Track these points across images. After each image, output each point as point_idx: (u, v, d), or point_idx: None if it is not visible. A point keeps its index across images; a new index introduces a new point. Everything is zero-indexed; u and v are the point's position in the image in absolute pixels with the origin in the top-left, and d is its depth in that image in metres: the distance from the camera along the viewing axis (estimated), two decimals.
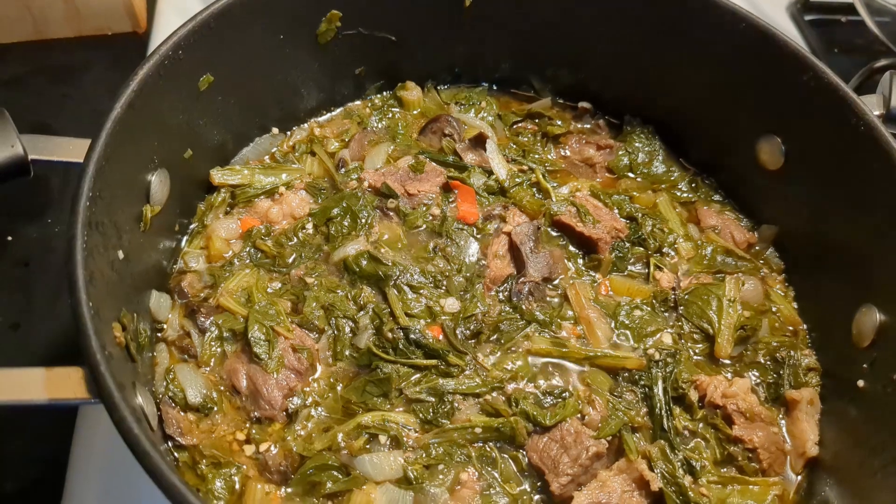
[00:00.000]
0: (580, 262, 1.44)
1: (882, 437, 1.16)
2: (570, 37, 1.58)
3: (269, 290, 1.33)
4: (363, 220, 1.41)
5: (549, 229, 1.46)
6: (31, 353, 1.46)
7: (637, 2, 1.47)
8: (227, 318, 1.27)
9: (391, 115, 1.64)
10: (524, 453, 1.20)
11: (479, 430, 1.20)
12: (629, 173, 1.60)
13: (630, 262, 1.45)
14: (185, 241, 1.41)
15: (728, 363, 1.35)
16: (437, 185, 1.47)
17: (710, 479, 1.21)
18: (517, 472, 1.20)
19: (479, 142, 1.56)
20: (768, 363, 1.34)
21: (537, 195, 1.50)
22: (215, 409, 1.21)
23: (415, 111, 1.66)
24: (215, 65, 1.32)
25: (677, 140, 1.62)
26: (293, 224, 1.41)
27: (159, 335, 1.28)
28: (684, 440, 1.24)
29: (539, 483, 1.19)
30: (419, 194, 1.45)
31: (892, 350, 1.20)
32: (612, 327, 1.35)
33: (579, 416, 1.23)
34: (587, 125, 1.68)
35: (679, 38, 1.47)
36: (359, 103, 1.66)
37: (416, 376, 1.24)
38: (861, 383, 1.23)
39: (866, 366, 1.24)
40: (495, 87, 1.73)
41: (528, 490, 1.19)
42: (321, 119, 1.64)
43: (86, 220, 1.00)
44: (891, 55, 2.03)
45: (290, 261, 1.37)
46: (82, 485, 1.28)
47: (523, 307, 1.34)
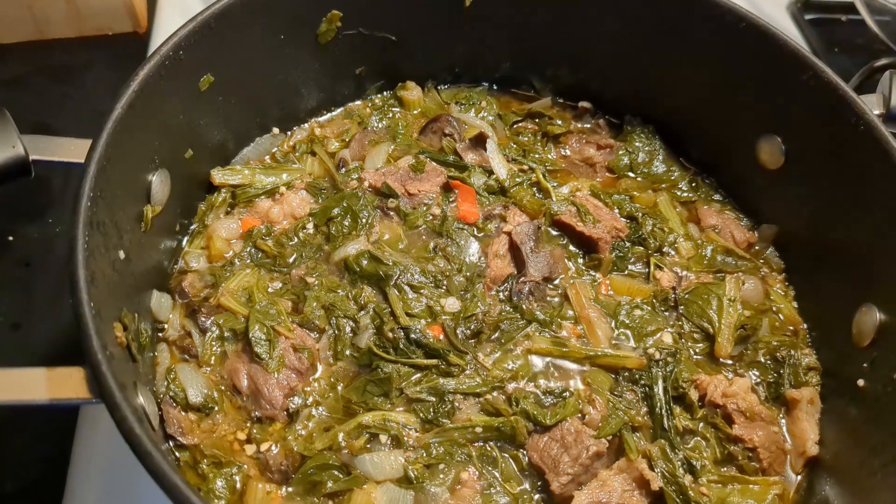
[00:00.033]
0: (580, 261, 1.44)
1: (882, 436, 1.16)
2: (570, 37, 1.58)
3: (269, 289, 1.33)
4: (364, 220, 1.41)
5: (550, 229, 1.46)
6: (32, 353, 1.47)
7: (637, 2, 1.47)
8: (227, 317, 1.28)
9: (391, 114, 1.64)
10: (524, 453, 1.20)
11: (479, 430, 1.20)
12: (629, 173, 1.60)
13: (630, 261, 1.45)
14: (185, 241, 1.41)
15: (728, 362, 1.35)
16: (437, 185, 1.47)
17: (710, 478, 1.21)
18: (517, 472, 1.20)
19: (479, 141, 1.56)
20: (768, 362, 1.34)
21: (538, 195, 1.51)
22: (216, 408, 1.21)
23: (415, 111, 1.66)
24: (216, 65, 1.32)
25: (677, 140, 1.62)
26: (294, 224, 1.42)
27: (160, 335, 1.28)
28: (684, 439, 1.25)
29: (539, 482, 1.19)
30: (419, 194, 1.45)
31: (892, 349, 1.20)
32: (613, 327, 1.35)
33: (580, 415, 1.23)
34: (587, 125, 1.68)
35: (679, 38, 1.47)
36: (359, 103, 1.66)
37: (417, 376, 1.24)
38: (861, 383, 1.23)
39: (866, 365, 1.24)
40: (495, 87, 1.73)
41: (529, 489, 1.19)
42: (322, 119, 1.64)
43: (87, 220, 1.00)
44: (891, 54, 2.03)
45: (290, 260, 1.37)
46: (83, 485, 1.28)
47: (524, 307, 1.34)
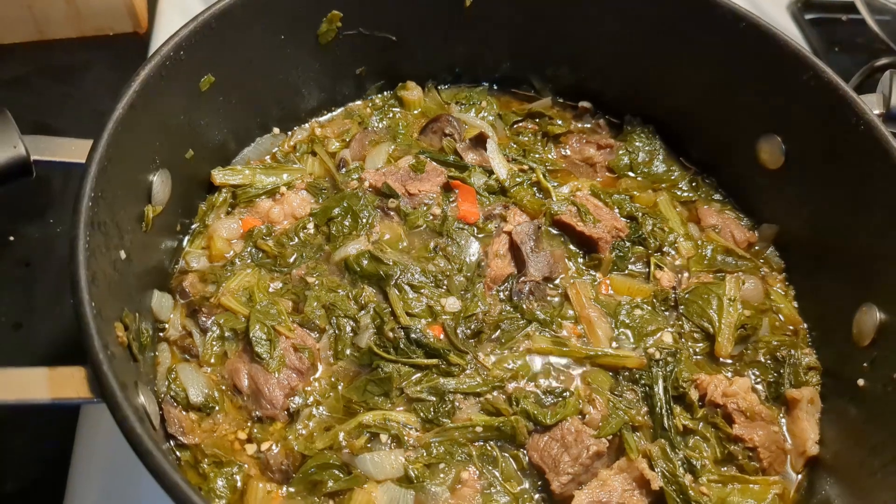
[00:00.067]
0: (581, 261, 1.44)
1: (882, 436, 1.16)
2: (570, 36, 1.58)
3: (270, 289, 1.33)
4: (364, 220, 1.41)
5: (550, 228, 1.46)
6: (33, 352, 1.47)
7: (637, 2, 1.48)
8: (228, 317, 1.28)
9: (392, 114, 1.64)
10: (525, 452, 1.21)
11: (479, 429, 1.20)
12: (629, 173, 1.60)
13: (630, 261, 1.45)
14: (186, 241, 1.41)
15: (728, 362, 1.35)
16: (437, 185, 1.47)
17: (710, 477, 1.22)
18: (518, 471, 1.20)
19: (479, 141, 1.56)
20: (769, 362, 1.34)
21: (538, 195, 1.51)
22: (217, 408, 1.21)
23: (415, 111, 1.66)
24: (216, 65, 1.32)
25: (678, 139, 1.62)
26: (294, 224, 1.42)
27: (161, 335, 1.28)
28: (685, 439, 1.25)
29: (539, 482, 1.19)
30: (420, 194, 1.45)
31: (892, 349, 1.20)
32: (613, 326, 1.35)
33: (580, 415, 1.23)
34: (587, 125, 1.68)
35: (679, 38, 1.48)
36: (359, 103, 1.66)
37: (417, 375, 1.24)
38: (861, 382, 1.23)
39: (866, 365, 1.24)
40: (496, 87, 1.73)
41: (529, 489, 1.19)
42: (322, 119, 1.64)
43: (88, 220, 1.00)
44: (891, 54, 2.03)
45: (291, 260, 1.37)
46: (84, 484, 1.29)
47: (524, 306, 1.34)
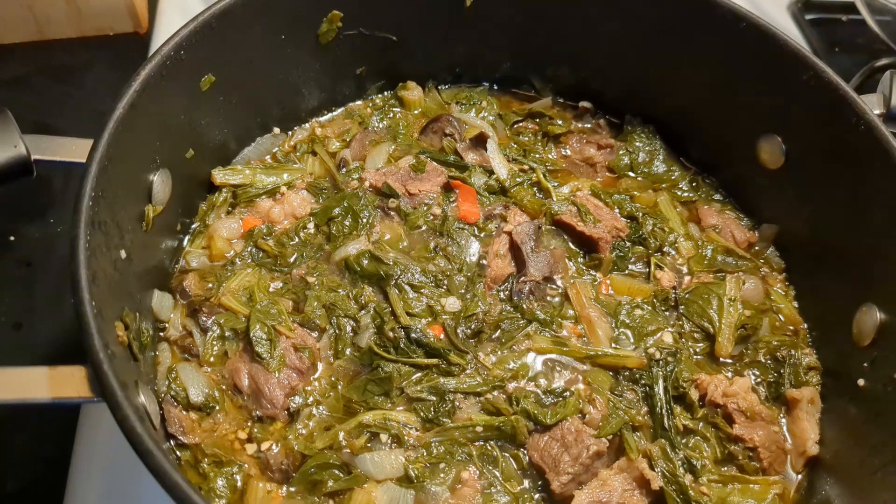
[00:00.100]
0: (581, 261, 1.44)
1: (882, 435, 1.16)
2: (570, 36, 1.58)
3: (270, 289, 1.34)
4: (364, 220, 1.41)
5: (551, 227, 1.46)
6: (34, 352, 1.47)
7: (637, 2, 1.48)
8: (228, 317, 1.28)
9: (392, 114, 1.64)
10: (525, 452, 1.21)
11: (479, 429, 1.20)
12: (630, 173, 1.60)
13: (631, 261, 1.45)
14: (186, 240, 1.41)
15: (729, 362, 1.35)
16: (438, 185, 1.47)
17: (710, 477, 1.22)
18: (518, 471, 1.20)
19: (479, 141, 1.56)
20: (769, 362, 1.34)
21: (538, 195, 1.51)
22: (217, 407, 1.21)
23: (416, 111, 1.66)
24: (217, 65, 1.32)
25: (678, 139, 1.62)
26: (294, 224, 1.42)
27: (161, 334, 1.28)
28: (685, 439, 1.25)
29: (540, 482, 1.19)
30: (420, 194, 1.45)
31: (892, 349, 1.20)
32: (613, 326, 1.35)
33: (580, 414, 1.23)
34: (588, 125, 1.68)
35: (679, 38, 1.48)
36: (360, 103, 1.67)
37: (418, 375, 1.24)
38: (861, 382, 1.23)
39: (867, 365, 1.24)
40: (496, 87, 1.73)
41: (529, 488, 1.19)
42: (322, 119, 1.64)
43: (88, 219, 1.00)
44: (892, 54, 2.03)
45: (291, 260, 1.37)
46: (84, 484, 1.29)
47: (524, 306, 1.34)
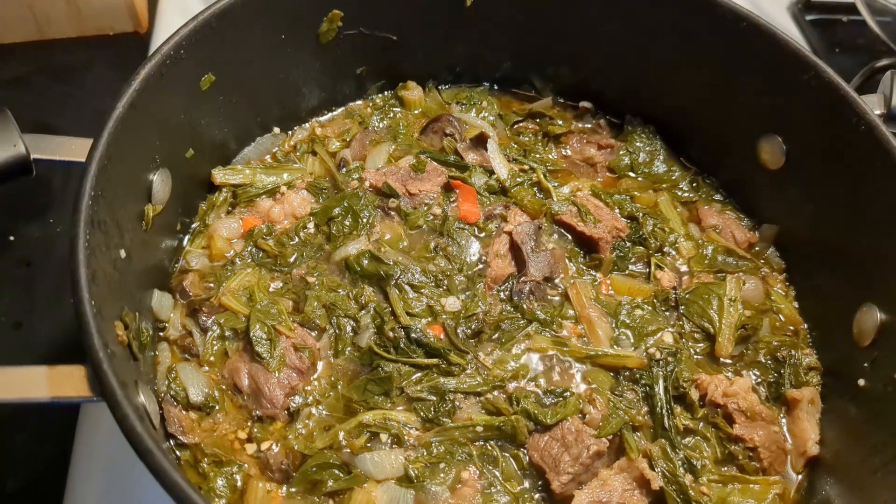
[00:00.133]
0: (581, 261, 1.44)
1: (882, 435, 1.16)
2: (570, 36, 1.58)
3: (270, 289, 1.33)
4: (364, 220, 1.41)
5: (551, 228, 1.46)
6: (34, 351, 1.47)
7: (637, 1, 1.48)
8: (228, 317, 1.28)
9: (392, 114, 1.64)
10: (525, 452, 1.20)
11: (480, 429, 1.20)
12: (630, 173, 1.60)
13: (631, 261, 1.45)
14: (186, 240, 1.41)
15: (729, 362, 1.35)
16: (438, 185, 1.47)
17: (710, 477, 1.22)
18: (518, 471, 1.20)
19: (480, 141, 1.56)
20: (769, 362, 1.34)
21: (538, 195, 1.51)
22: (217, 407, 1.21)
23: (416, 111, 1.66)
24: (217, 64, 1.32)
25: (678, 140, 1.62)
26: (294, 223, 1.42)
27: (161, 334, 1.28)
28: (685, 439, 1.24)
29: (540, 482, 1.19)
30: (420, 194, 1.45)
31: (892, 349, 1.20)
32: (613, 326, 1.35)
33: (580, 414, 1.23)
34: (588, 125, 1.68)
35: (679, 38, 1.48)
36: (360, 103, 1.66)
37: (418, 375, 1.24)
38: (862, 382, 1.23)
39: (867, 365, 1.24)
40: (496, 87, 1.73)
41: (529, 488, 1.19)
42: (322, 119, 1.64)
43: (88, 219, 1.00)
44: (892, 55, 2.03)
45: (291, 260, 1.37)
46: (84, 483, 1.29)
47: (524, 306, 1.34)
